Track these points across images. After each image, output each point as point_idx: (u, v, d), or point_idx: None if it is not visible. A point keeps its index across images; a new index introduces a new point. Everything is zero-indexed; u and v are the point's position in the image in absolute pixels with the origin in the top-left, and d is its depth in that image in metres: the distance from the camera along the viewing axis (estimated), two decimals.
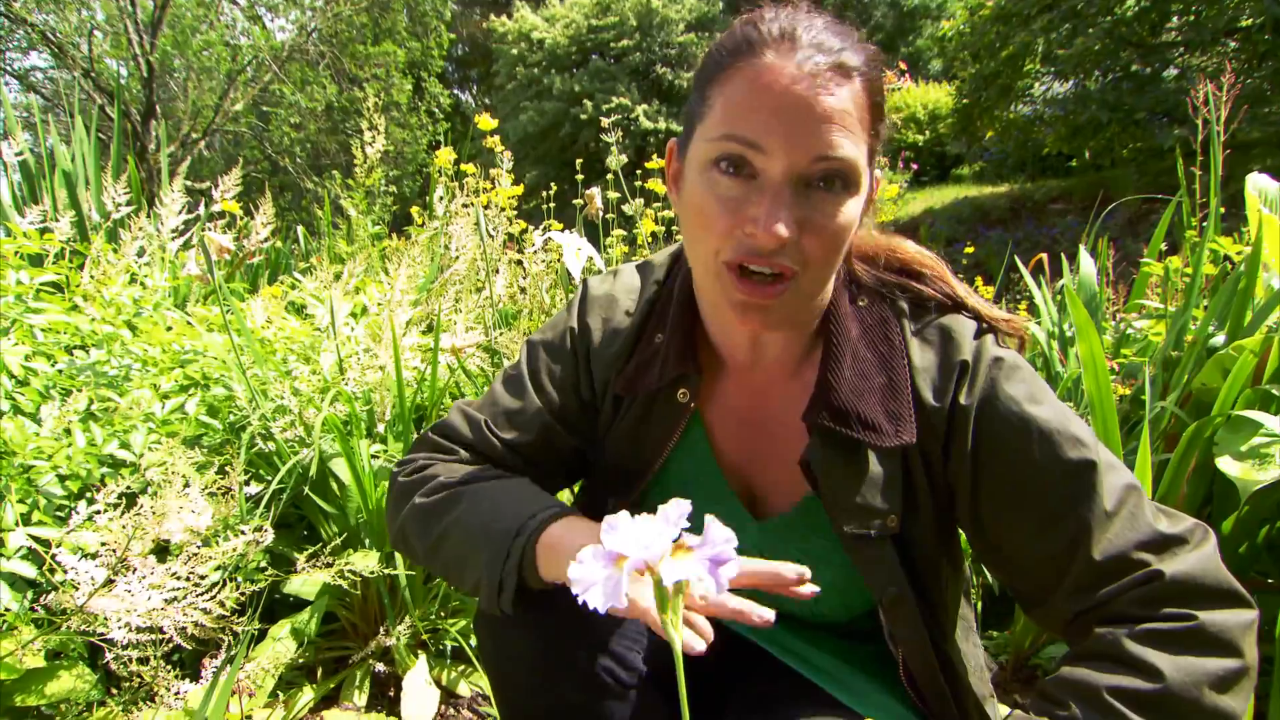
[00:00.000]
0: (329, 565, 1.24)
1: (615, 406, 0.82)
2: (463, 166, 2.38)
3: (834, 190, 0.64)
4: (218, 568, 1.13)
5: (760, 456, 0.80)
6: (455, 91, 22.45)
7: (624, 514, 0.41)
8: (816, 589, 0.59)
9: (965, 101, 9.78)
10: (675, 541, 0.39)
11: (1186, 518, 0.66)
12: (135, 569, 1.01)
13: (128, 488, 1.08)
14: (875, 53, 0.66)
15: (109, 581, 0.99)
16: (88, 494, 1.21)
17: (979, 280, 4.58)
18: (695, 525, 0.39)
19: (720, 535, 0.38)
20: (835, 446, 0.71)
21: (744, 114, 0.63)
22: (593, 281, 0.87)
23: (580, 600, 0.38)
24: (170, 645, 1.03)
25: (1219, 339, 1.36)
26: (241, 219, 2.63)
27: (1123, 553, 0.63)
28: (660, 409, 0.79)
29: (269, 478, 1.36)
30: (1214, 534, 0.66)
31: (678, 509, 0.39)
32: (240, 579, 1.15)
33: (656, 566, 0.38)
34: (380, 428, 1.58)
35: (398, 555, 1.27)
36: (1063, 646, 1.42)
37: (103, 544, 1.03)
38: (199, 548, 1.08)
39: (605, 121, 2.24)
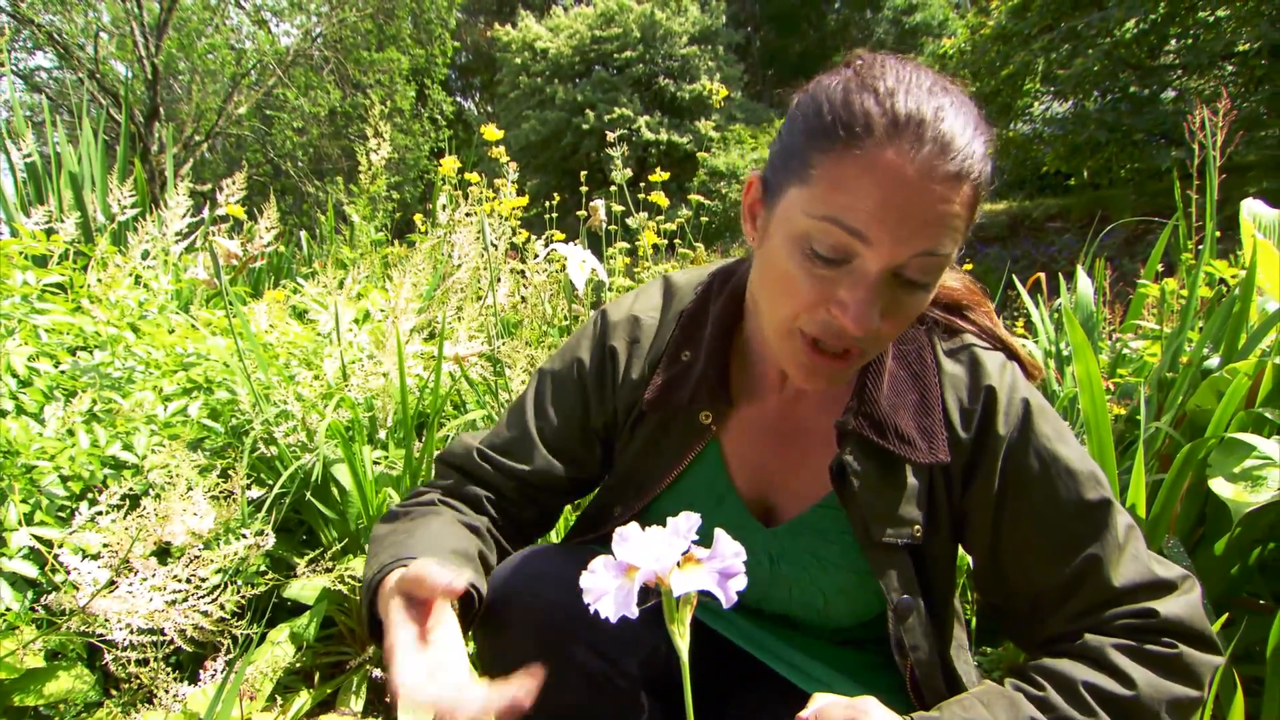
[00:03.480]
0: (329, 570, 1.25)
1: (638, 421, 0.83)
2: (466, 175, 2.39)
3: (923, 282, 0.63)
4: (218, 571, 1.14)
5: (777, 465, 0.81)
6: (458, 99, 22.54)
7: (634, 525, 0.42)
8: None
9: None
10: (685, 554, 0.40)
11: (1175, 565, 0.70)
12: (137, 571, 1.02)
13: (130, 489, 1.09)
14: (991, 138, 0.64)
15: (111, 583, 1.00)
16: (90, 495, 1.22)
17: None
18: (705, 537, 0.41)
19: (729, 549, 0.39)
20: (870, 457, 0.73)
21: (854, 203, 0.59)
22: (610, 309, 0.87)
23: (592, 610, 0.39)
24: (170, 647, 1.03)
25: (1213, 361, 1.37)
26: (246, 224, 2.64)
27: (1124, 589, 0.67)
28: (680, 425, 0.80)
29: (271, 482, 1.37)
30: (1200, 585, 0.71)
31: (687, 522, 0.41)
32: (240, 582, 1.16)
33: (666, 578, 0.39)
34: (382, 434, 1.58)
35: None
36: None
37: (105, 545, 1.03)
38: (200, 550, 1.08)
39: (610, 136, 2.26)
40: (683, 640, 0.41)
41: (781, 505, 0.81)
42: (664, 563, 0.39)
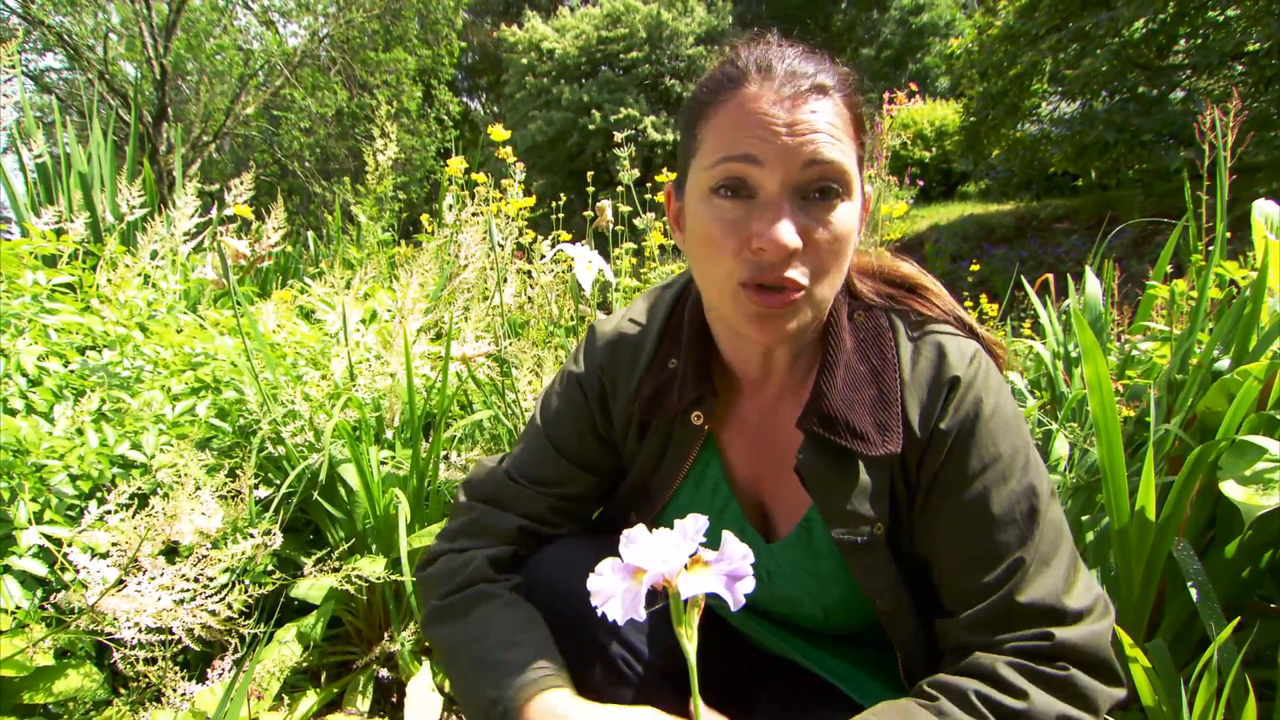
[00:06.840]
0: (336, 570, 1.25)
1: (641, 433, 0.84)
2: (473, 175, 2.40)
3: (830, 198, 0.67)
4: (226, 570, 1.14)
5: (768, 473, 0.81)
6: (465, 99, 22.57)
7: (641, 528, 0.42)
8: None
9: (972, 119, 9.81)
10: (692, 556, 0.40)
11: (1096, 587, 0.71)
12: (145, 569, 1.02)
13: (139, 489, 1.09)
14: (848, 73, 0.71)
15: (119, 581, 1.00)
16: (99, 494, 1.23)
17: (984, 298, 4.59)
18: (712, 543, 0.40)
19: (737, 551, 0.39)
20: (825, 453, 0.73)
21: (735, 135, 0.66)
22: (598, 323, 0.89)
23: (600, 612, 0.39)
24: (178, 646, 1.04)
25: (1224, 363, 1.36)
26: (254, 224, 2.65)
27: (1029, 606, 0.68)
28: (678, 433, 0.81)
29: (278, 482, 1.38)
30: (1114, 610, 0.71)
31: (695, 524, 0.40)
32: (248, 582, 1.16)
33: (674, 580, 0.39)
34: (389, 434, 1.59)
35: (403, 561, 1.27)
36: None
37: (113, 544, 1.04)
38: (208, 550, 1.09)
39: (618, 136, 2.26)
40: (690, 643, 0.41)
41: (780, 516, 0.82)
42: (671, 565, 0.39)
